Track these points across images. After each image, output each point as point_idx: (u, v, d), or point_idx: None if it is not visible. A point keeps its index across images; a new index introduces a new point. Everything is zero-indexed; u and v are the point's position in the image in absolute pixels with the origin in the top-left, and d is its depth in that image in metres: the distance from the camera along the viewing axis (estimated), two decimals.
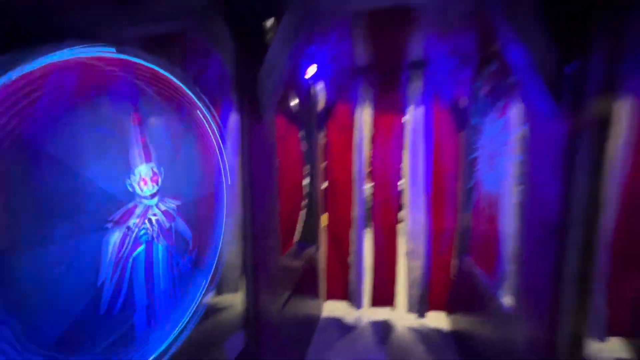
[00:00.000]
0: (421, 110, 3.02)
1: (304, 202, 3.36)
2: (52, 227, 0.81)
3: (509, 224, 2.38)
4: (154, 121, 1.14)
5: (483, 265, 2.87)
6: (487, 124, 2.51)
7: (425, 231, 3.12)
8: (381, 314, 3.38)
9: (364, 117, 3.20)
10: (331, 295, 3.50)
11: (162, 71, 1.19)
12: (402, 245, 3.28)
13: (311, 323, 3.16)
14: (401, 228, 3.29)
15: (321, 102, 3.29)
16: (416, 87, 2.98)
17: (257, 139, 1.86)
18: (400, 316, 3.31)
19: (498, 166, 2.33)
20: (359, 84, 3.12)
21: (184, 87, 1.36)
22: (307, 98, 3.22)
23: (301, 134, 3.32)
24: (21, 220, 0.75)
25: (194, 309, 1.35)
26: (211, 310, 1.52)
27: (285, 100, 2.96)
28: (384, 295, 3.35)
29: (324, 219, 3.46)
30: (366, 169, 3.28)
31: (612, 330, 1.96)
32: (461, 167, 3.03)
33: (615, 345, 1.98)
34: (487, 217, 2.67)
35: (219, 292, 1.56)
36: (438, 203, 3.13)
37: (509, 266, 2.40)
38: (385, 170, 3.24)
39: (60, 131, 0.83)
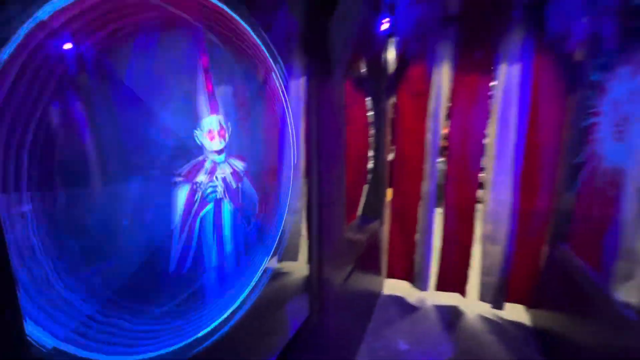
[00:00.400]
0: (517, 68, 2.51)
1: (369, 175, 3.16)
2: (122, 174, 0.77)
3: (634, 209, 1.88)
4: (223, 73, 1.05)
5: (587, 255, 2.38)
6: (615, 82, 1.96)
7: (509, 213, 2.69)
8: (448, 299, 3.12)
9: (443, 80, 2.80)
10: (393, 274, 3.33)
11: (233, 15, 1.08)
12: (479, 228, 2.90)
13: (372, 299, 3.06)
14: (479, 208, 2.90)
15: (393, 63, 2.97)
16: (517, 36, 2.46)
17: (326, 101, 1.70)
18: (471, 304, 3.01)
19: (629, 137, 1.81)
20: (439, 39, 2.71)
21: (259, 42, 1.25)
22: (378, 59, 2.93)
23: (368, 100, 3.07)
24: (100, 159, 0.72)
25: (260, 273, 1.31)
26: (276, 276, 1.49)
27: (353, 61, 2.72)
28: (452, 280, 3.07)
29: (389, 194, 3.24)
30: (441, 141, 2.92)
31: None
32: (565, 138, 2.49)
33: None
34: (601, 199, 2.17)
35: (283, 258, 1.50)
36: (530, 181, 2.65)
37: (629, 261, 1.93)
38: (464, 143, 2.84)
39: (133, 72, 0.77)
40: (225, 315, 1.10)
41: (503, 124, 2.65)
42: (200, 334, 1.03)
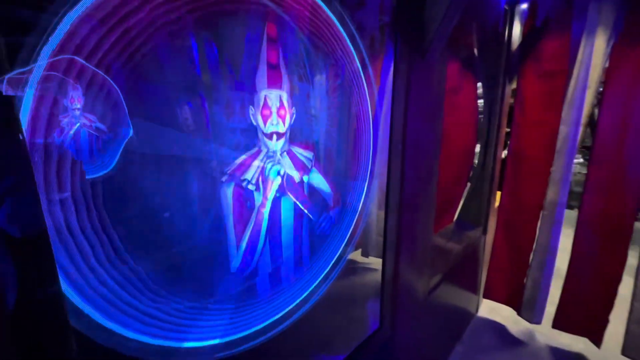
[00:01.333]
0: None
1: (472, 174, 2.68)
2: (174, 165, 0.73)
3: None
4: (294, 50, 0.92)
5: None
6: None
7: None
8: (570, 342, 2.41)
9: (594, 56, 2.08)
10: (493, 295, 2.77)
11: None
12: (633, 258, 2.11)
13: (463, 319, 2.62)
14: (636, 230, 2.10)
15: (518, 37, 2.37)
16: None
17: (416, 87, 1.43)
18: (607, 357, 2.25)
19: None
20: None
21: (334, 19, 1.10)
22: (495, 33, 2.39)
23: (479, 85, 2.56)
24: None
25: (333, 264, 1.20)
26: (350, 272, 1.36)
27: (460, 37, 2.28)
28: (581, 320, 2.34)
29: (497, 198, 2.68)
30: (582, 136, 2.21)
31: None
32: None
33: None
34: None
35: (361, 253, 1.36)
36: None
37: None
38: (621, 140, 2.07)
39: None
40: (283, 313, 1.04)
41: None
42: (261, 326, 0.99)
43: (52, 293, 0.58)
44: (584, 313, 2.32)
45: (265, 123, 0.87)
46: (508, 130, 2.68)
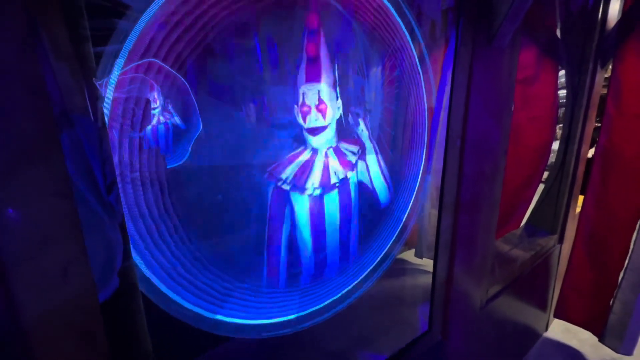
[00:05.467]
0: None
1: (547, 174, 2.36)
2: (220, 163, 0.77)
3: None
4: (342, 41, 0.89)
5: None
6: None
7: None
8: None
9: None
10: (567, 315, 2.42)
11: None
12: None
13: (527, 337, 2.35)
14: None
15: (615, 13, 2.00)
16: None
17: (484, 74, 1.29)
18: None
19: None
20: None
21: (389, 5, 1.04)
22: (583, 14, 2.05)
23: (561, 73, 2.23)
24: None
25: (381, 259, 1.17)
26: (399, 274, 1.31)
27: (537, 17, 2.00)
28: None
29: (579, 203, 2.32)
30: None
31: None
32: None
33: None
34: None
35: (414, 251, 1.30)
36: None
37: None
38: None
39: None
40: (323, 304, 1.05)
41: None
42: (302, 313, 1.01)
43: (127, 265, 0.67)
44: None
45: (305, 119, 0.86)
46: (597, 124, 2.29)
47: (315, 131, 0.86)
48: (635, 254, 2.02)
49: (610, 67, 2.08)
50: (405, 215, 1.21)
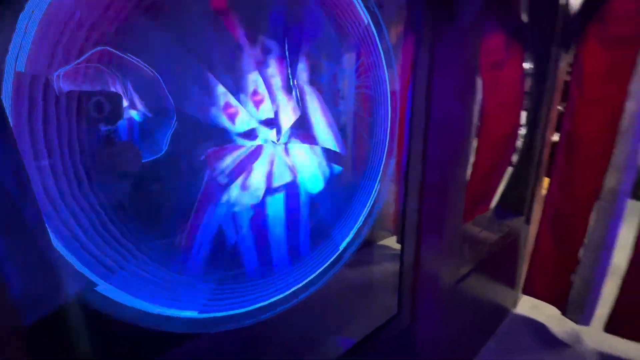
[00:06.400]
0: None
1: (515, 158, 2.42)
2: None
3: None
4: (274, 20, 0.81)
5: None
6: None
7: None
8: (623, 348, 2.14)
9: None
10: (534, 291, 2.54)
11: None
12: None
13: (496, 314, 2.45)
14: None
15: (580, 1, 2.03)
16: None
17: (447, 55, 1.28)
18: None
19: None
20: None
21: None
22: None
23: (526, 59, 2.27)
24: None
25: (340, 254, 1.15)
26: (381, 259, 1.31)
27: (504, 2, 2.02)
28: (635, 323, 2.06)
29: (544, 185, 2.41)
30: None
31: None
32: None
33: None
34: None
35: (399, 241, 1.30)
36: None
37: None
38: None
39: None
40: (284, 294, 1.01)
41: None
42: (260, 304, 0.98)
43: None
44: None
45: (257, 109, 0.77)
46: (561, 109, 2.36)
47: (268, 123, 0.79)
48: (594, 231, 2.13)
49: (573, 52, 2.14)
50: (371, 200, 1.20)
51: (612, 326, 2.13)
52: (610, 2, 1.94)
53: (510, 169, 2.45)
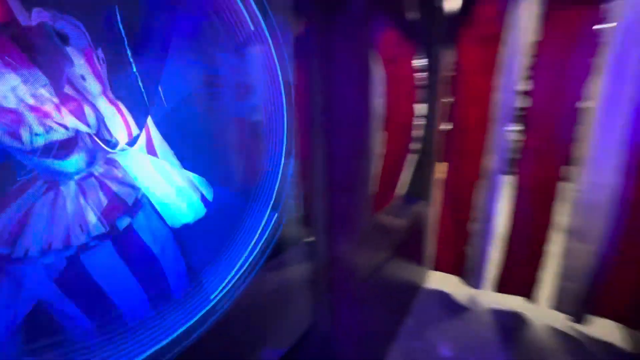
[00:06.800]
0: None
1: (415, 147, 2.62)
2: None
3: None
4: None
5: None
6: None
7: (611, 203, 1.96)
8: (509, 302, 2.54)
9: (524, 19, 2.04)
10: (440, 266, 2.82)
11: None
12: (563, 217, 2.21)
13: (410, 292, 2.64)
14: (565, 191, 2.19)
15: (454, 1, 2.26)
16: None
17: (341, 44, 1.23)
18: (541, 313, 2.40)
19: None
20: None
21: None
22: None
23: (418, 54, 2.45)
24: None
25: (239, 273, 1.00)
26: (268, 274, 1.19)
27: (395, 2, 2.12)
28: (517, 280, 2.46)
29: (440, 170, 2.66)
30: (517, 103, 2.21)
31: None
32: None
33: None
34: None
35: (280, 251, 1.18)
36: None
37: None
38: (551, 105, 2.10)
39: None
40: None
41: (615, 81, 1.85)
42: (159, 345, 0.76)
43: None
44: (519, 273, 2.43)
45: (34, 130, 0.47)
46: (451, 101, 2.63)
47: (55, 150, 0.50)
48: (478, 208, 2.45)
49: (454, 48, 2.38)
50: (271, 206, 1.08)
51: (500, 286, 2.51)
52: (477, 7, 2.21)
53: (410, 158, 2.63)
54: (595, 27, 1.90)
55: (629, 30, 1.78)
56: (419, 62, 2.47)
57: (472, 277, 2.59)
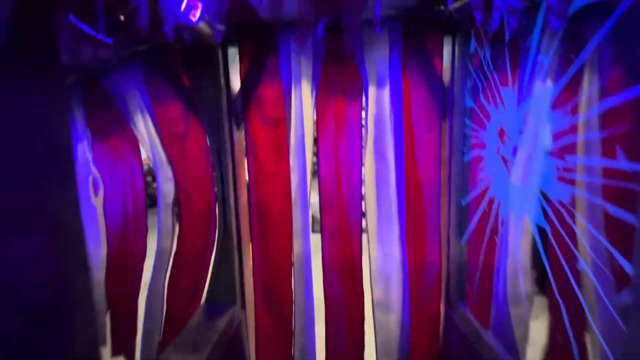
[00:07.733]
0: (386, 88, 2.01)
1: (216, 237, 2.15)
2: None
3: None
4: None
5: (479, 314, 1.94)
6: (497, 104, 1.56)
7: (400, 271, 2.10)
8: None
9: (304, 104, 2.09)
10: None
11: None
12: (369, 292, 2.22)
13: None
14: (366, 265, 2.23)
15: (236, 79, 2.11)
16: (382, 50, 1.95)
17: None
18: None
19: (523, 169, 1.38)
20: (291, 48, 2.02)
21: None
22: (209, 69, 2.02)
23: (207, 131, 2.12)
24: None
25: None
26: None
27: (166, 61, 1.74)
28: None
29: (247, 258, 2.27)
30: (308, 181, 2.17)
31: None
32: (446, 174, 2.07)
33: None
34: (491, 245, 1.75)
35: None
36: (416, 228, 2.13)
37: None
38: (338, 184, 2.16)
39: None
40: None
41: (379, 158, 2.09)
42: None
43: None
44: (348, 357, 2.25)
45: None
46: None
47: None
48: (297, 298, 2.17)
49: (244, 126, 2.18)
50: None
51: None
52: (261, 89, 2.13)
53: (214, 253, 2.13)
54: (359, 115, 2.14)
55: (380, 113, 2.04)
56: (210, 139, 2.13)
57: None
